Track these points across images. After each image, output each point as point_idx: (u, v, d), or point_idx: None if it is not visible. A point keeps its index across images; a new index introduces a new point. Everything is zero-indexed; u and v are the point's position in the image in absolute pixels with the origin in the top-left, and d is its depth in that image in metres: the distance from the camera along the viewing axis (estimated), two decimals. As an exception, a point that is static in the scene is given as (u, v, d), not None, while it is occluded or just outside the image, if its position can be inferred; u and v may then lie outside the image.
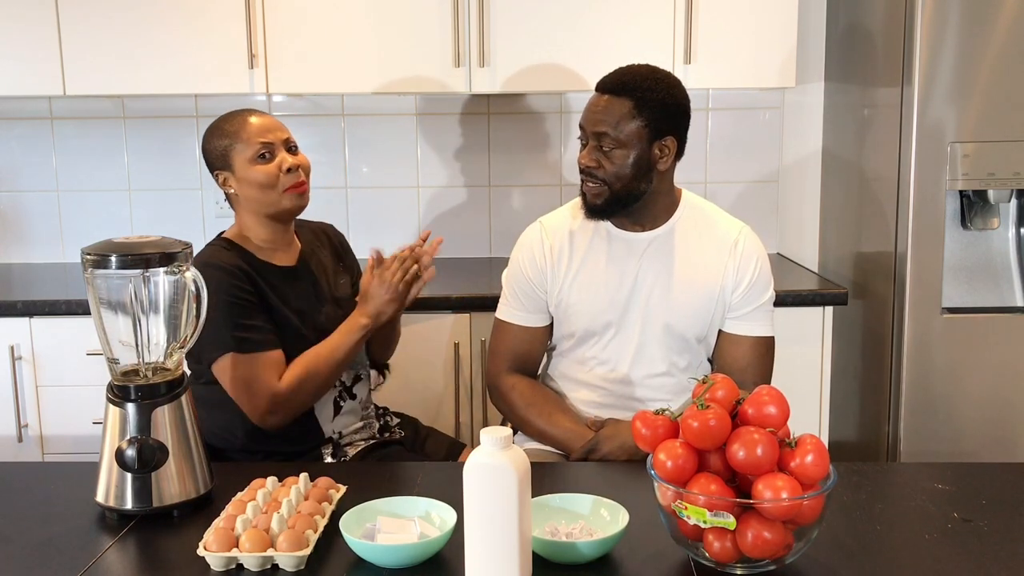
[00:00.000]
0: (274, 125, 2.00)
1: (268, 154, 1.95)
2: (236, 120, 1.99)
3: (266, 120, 2.00)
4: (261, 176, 1.94)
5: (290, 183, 1.95)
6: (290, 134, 2.02)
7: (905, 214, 2.60)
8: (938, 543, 1.44)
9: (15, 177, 3.23)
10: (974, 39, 2.52)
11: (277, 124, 2.01)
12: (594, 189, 1.95)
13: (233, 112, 2.02)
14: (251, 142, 1.95)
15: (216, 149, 1.99)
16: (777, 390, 1.37)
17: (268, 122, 1.99)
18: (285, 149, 1.98)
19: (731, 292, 1.99)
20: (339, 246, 2.23)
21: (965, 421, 2.65)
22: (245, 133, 1.96)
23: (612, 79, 1.94)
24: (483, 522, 1.26)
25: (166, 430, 1.57)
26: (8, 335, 2.68)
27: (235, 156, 1.96)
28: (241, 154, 1.95)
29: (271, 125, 1.99)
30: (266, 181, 1.94)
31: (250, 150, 1.95)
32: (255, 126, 1.97)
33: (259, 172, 1.94)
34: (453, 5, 2.77)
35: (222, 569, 1.38)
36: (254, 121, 1.98)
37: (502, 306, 2.10)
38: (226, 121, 2.00)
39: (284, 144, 1.98)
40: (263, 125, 1.98)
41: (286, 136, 2.00)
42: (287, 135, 2.00)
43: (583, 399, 2.05)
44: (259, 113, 2.02)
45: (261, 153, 1.94)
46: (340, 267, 2.19)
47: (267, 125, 1.98)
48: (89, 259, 1.56)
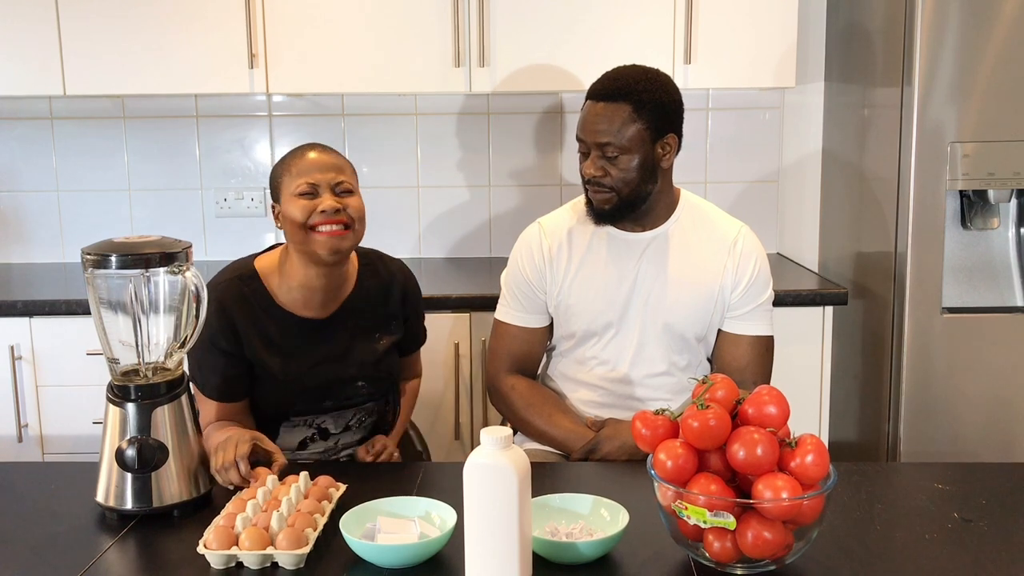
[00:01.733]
0: (327, 164, 1.85)
1: (312, 193, 1.82)
2: (295, 152, 1.89)
3: (322, 158, 1.86)
4: (296, 212, 1.81)
5: (321, 220, 1.80)
6: (346, 177, 1.85)
7: (905, 214, 2.60)
8: (938, 543, 1.44)
9: (15, 177, 3.23)
10: (974, 39, 2.52)
11: (332, 164, 1.86)
12: (602, 197, 1.94)
13: (301, 146, 1.91)
14: (298, 177, 1.83)
15: (273, 179, 1.90)
16: (777, 390, 1.37)
17: (322, 160, 1.85)
18: (333, 192, 1.83)
19: (730, 291, 1.99)
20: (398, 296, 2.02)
21: (965, 421, 2.65)
22: (296, 167, 1.85)
23: (606, 85, 1.93)
24: (483, 522, 1.26)
25: (166, 430, 1.57)
26: (8, 335, 2.68)
27: (283, 189, 1.86)
28: (287, 187, 1.84)
29: (323, 164, 1.85)
30: (300, 218, 1.81)
31: (295, 185, 1.83)
32: (306, 162, 1.85)
33: (296, 207, 1.81)
34: (453, 5, 2.77)
35: (222, 567, 1.38)
36: (309, 156, 1.86)
37: (501, 307, 2.10)
38: (290, 154, 1.89)
39: (332, 186, 1.83)
40: (314, 162, 1.85)
41: (338, 180, 1.84)
42: (340, 178, 1.84)
43: (583, 399, 2.05)
44: (321, 150, 1.88)
45: (304, 191, 1.82)
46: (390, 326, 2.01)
47: (319, 163, 1.85)
48: (89, 259, 1.56)
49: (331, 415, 1.96)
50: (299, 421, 1.94)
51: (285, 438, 1.95)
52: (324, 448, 1.99)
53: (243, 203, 3.23)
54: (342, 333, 1.94)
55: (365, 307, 1.97)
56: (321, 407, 1.94)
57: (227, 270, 1.93)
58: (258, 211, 3.23)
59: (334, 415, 1.96)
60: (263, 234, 3.25)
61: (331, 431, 1.97)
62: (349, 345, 1.95)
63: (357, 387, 1.96)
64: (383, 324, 2.00)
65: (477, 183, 3.24)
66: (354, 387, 1.96)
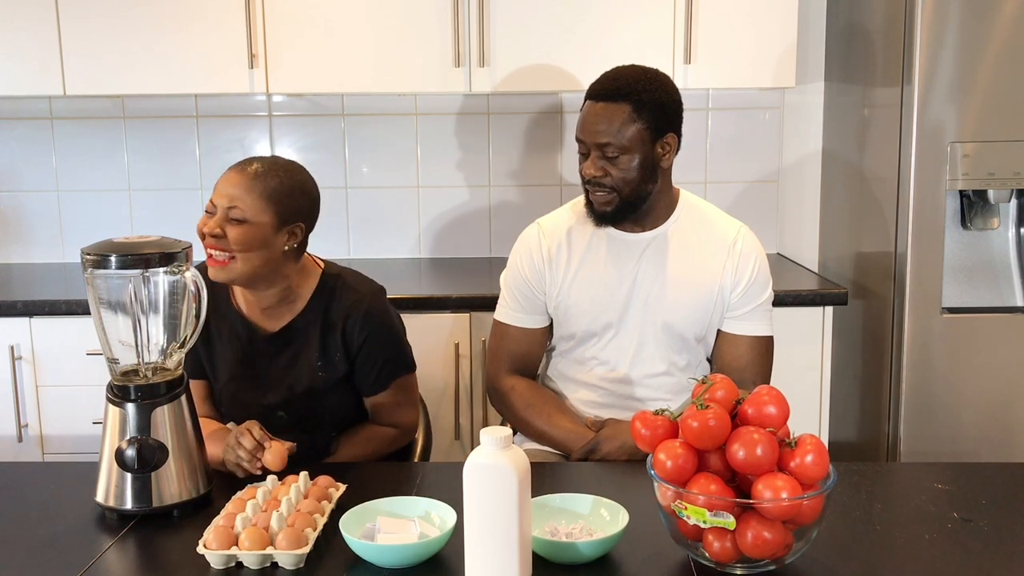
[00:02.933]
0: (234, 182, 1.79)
1: (211, 212, 1.79)
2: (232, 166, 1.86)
3: (234, 176, 1.80)
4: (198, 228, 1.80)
5: (206, 245, 1.78)
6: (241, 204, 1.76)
7: (905, 214, 2.60)
8: (938, 543, 1.44)
9: (15, 177, 3.23)
10: (974, 39, 2.52)
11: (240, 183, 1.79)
12: (603, 197, 1.94)
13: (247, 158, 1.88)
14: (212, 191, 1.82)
15: None
16: (777, 390, 1.37)
17: (233, 178, 1.80)
18: (224, 216, 1.77)
19: (730, 292, 1.99)
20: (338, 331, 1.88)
21: (965, 421, 2.65)
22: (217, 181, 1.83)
23: (605, 85, 1.93)
24: (483, 522, 1.26)
25: (166, 430, 1.57)
26: (8, 335, 2.68)
27: None
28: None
29: (231, 181, 1.79)
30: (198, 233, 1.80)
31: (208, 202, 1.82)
32: (222, 178, 1.82)
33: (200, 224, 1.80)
34: (453, 5, 2.77)
35: (222, 567, 1.38)
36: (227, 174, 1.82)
37: (501, 308, 2.10)
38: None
39: (226, 211, 1.77)
40: (225, 179, 1.81)
41: (231, 205, 1.77)
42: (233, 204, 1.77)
43: (583, 399, 2.05)
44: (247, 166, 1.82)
45: (207, 208, 1.80)
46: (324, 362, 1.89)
47: (228, 180, 1.80)
48: (89, 259, 1.56)
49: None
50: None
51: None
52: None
53: (243, 203, 3.22)
54: (283, 354, 1.89)
55: (310, 332, 1.89)
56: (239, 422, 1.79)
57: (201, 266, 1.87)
58: (258, 211, 3.23)
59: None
60: (263, 234, 3.25)
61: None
62: (279, 367, 1.89)
63: (277, 416, 1.88)
64: (324, 355, 1.89)
65: (477, 183, 3.24)
66: (274, 415, 1.87)
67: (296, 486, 1.54)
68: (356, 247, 3.23)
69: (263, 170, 1.81)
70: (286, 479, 1.59)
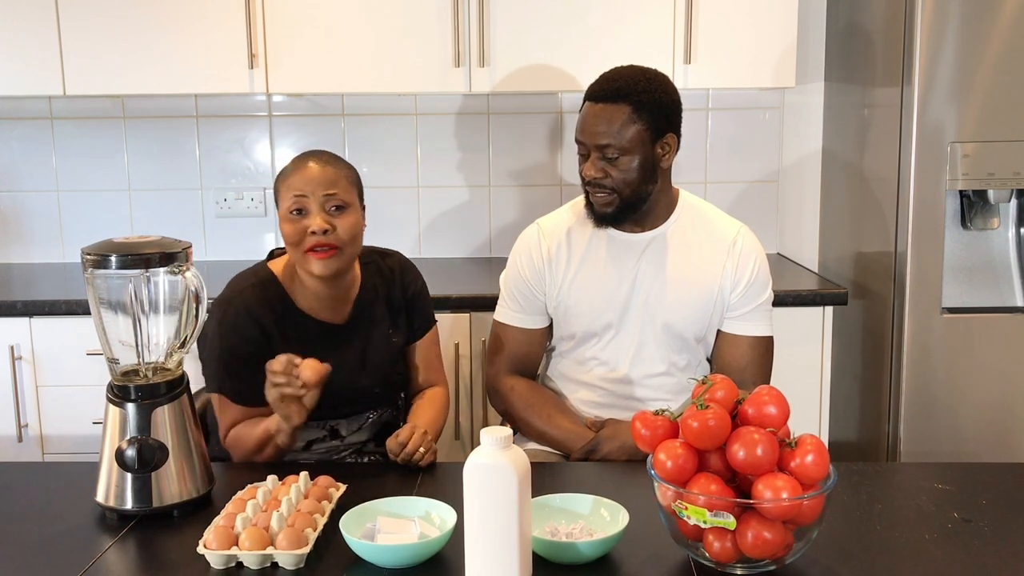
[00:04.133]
0: (319, 179, 1.82)
1: (302, 210, 1.81)
2: (295, 162, 1.87)
3: (314, 171, 1.83)
4: (287, 232, 1.82)
5: (311, 244, 1.80)
6: (340, 191, 1.83)
7: (905, 214, 2.60)
8: (938, 543, 1.44)
9: (15, 177, 3.23)
10: (974, 39, 2.52)
11: (324, 178, 1.82)
12: (603, 199, 1.94)
13: (303, 154, 1.89)
14: (288, 193, 1.82)
15: (275, 189, 1.90)
16: (777, 390, 1.37)
17: (315, 174, 1.82)
18: (323, 208, 1.81)
19: (730, 292, 1.99)
20: (399, 291, 2.02)
21: (965, 421, 2.65)
22: (288, 182, 1.84)
23: (604, 86, 1.92)
24: (483, 522, 1.26)
25: (166, 430, 1.57)
26: (8, 335, 2.68)
27: (279, 201, 1.86)
28: (282, 203, 1.84)
29: (315, 179, 1.82)
30: (291, 239, 1.82)
31: (286, 202, 1.82)
32: (299, 176, 1.82)
33: (287, 228, 1.82)
34: (453, 5, 2.77)
35: (222, 567, 1.38)
36: (300, 170, 1.83)
37: (500, 308, 2.10)
38: (291, 161, 1.89)
39: (323, 202, 1.81)
40: (307, 176, 1.82)
41: (329, 192, 1.81)
42: (331, 191, 1.81)
43: (583, 399, 2.05)
44: (319, 160, 1.85)
45: (294, 208, 1.81)
46: (394, 328, 2.00)
47: (310, 177, 1.82)
48: (89, 259, 1.56)
49: (347, 419, 1.97)
50: (313, 424, 1.92)
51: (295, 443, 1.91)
52: (330, 449, 1.98)
53: (243, 203, 3.23)
54: (357, 338, 1.96)
55: (375, 306, 1.98)
56: (340, 412, 1.94)
57: (244, 276, 1.92)
58: (258, 211, 3.23)
59: (349, 419, 1.97)
60: (263, 234, 3.25)
61: (342, 432, 1.97)
62: (364, 351, 1.96)
63: (374, 394, 1.98)
64: (392, 321, 2.01)
65: (477, 183, 3.24)
66: (372, 394, 1.97)
67: (296, 486, 1.54)
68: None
69: (332, 158, 1.89)
70: (287, 479, 1.59)
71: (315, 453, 1.97)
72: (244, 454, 1.84)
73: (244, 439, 1.83)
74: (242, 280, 1.91)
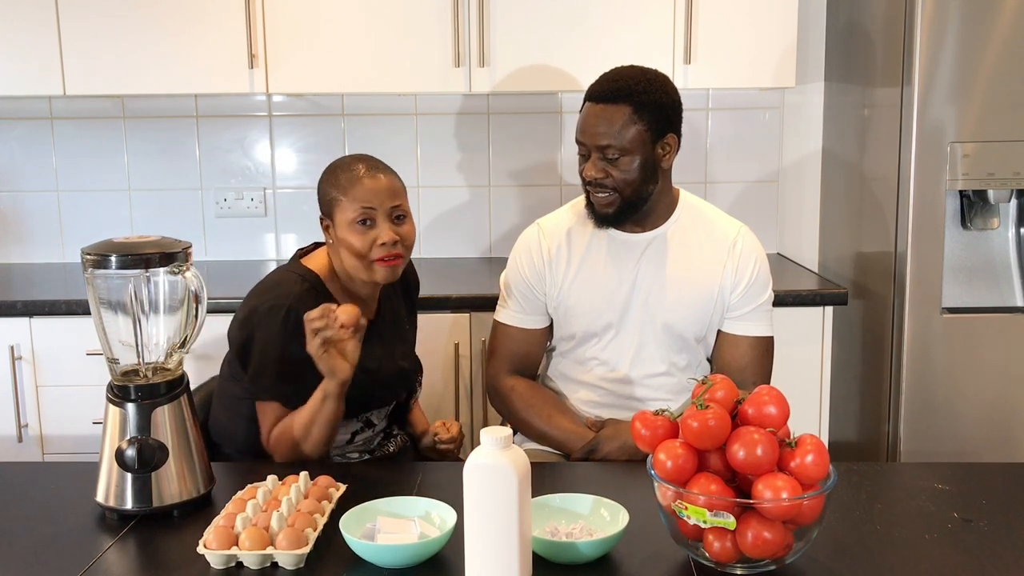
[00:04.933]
0: (385, 189, 1.86)
1: (369, 220, 1.84)
2: (350, 173, 1.87)
3: (379, 182, 1.86)
4: (355, 244, 1.83)
5: (381, 255, 1.84)
6: (402, 200, 1.88)
7: (905, 214, 2.60)
8: (938, 543, 1.44)
9: (15, 177, 3.23)
10: (974, 39, 2.52)
11: (389, 187, 1.87)
12: (604, 199, 1.94)
13: (352, 160, 1.91)
14: (354, 205, 1.84)
15: (325, 196, 1.90)
16: (777, 390, 1.37)
17: (380, 184, 1.85)
18: (390, 218, 1.86)
19: (730, 292, 1.99)
20: (412, 282, 2.16)
21: (965, 421, 2.65)
22: (352, 192, 1.84)
23: (604, 87, 1.92)
24: (483, 522, 1.26)
25: (166, 430, 1.57)
26: (8, 335, 2.68)
27: (338, 213, 1.86)
28: (343, 213, 1.85)
29: (381, 188, 1.85)
30: (359, 250, 1.84)
31: (351, 212, 1.84)
32: (364, 188, 1.84)
33: (354, 239, 1.84)
34: (453, 5, 2.77)
35: (222, 567, 1.38)
36: (366, 182, 1.85)
37: (500, 309, 2.10)
38: (342, 170, 1.89)
39: (390, 212, 1.86)
40: (372, 188, 1.85)
41: (395, 203, 1.86)
42: (397, 202, 1.87)
43: (583, 399, 2.05)
44: (375, 168, 1.88)
45: (362, 219, 1.83)
46: (409, 311, 2.14)
47: (377, 188, 1.85)
48: (89, 259, 1.56)
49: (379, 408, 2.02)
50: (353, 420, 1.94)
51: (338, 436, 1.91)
52: (366, 439, 2.01)
53: (243, 203, 3.23)
54: (387, 330, 2.02)
55: (393, 299, 2.06)
56: (386, 402, 2.02)
57: (289, 280, 1.88)
58: (258, 211, 3.23)
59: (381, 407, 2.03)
60: (263, 234, 3.25)
61: (374, 421, 2.01)
62: (394, 340, 2.04)
63: (411, 379, 2.09)
64: (407, 312, 2.13)
65: (477, 183, 3.24)
66: (409, 379, 2.08)
67: (296, 486, 1.54)
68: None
69: (384, 166, 1.92)
70: (286, 479, 1.59)
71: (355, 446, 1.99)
72: (291, 444, 1.81)
73: (289, 428, 1.81)
74: (290, 284, 1.87)
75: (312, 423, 1.78)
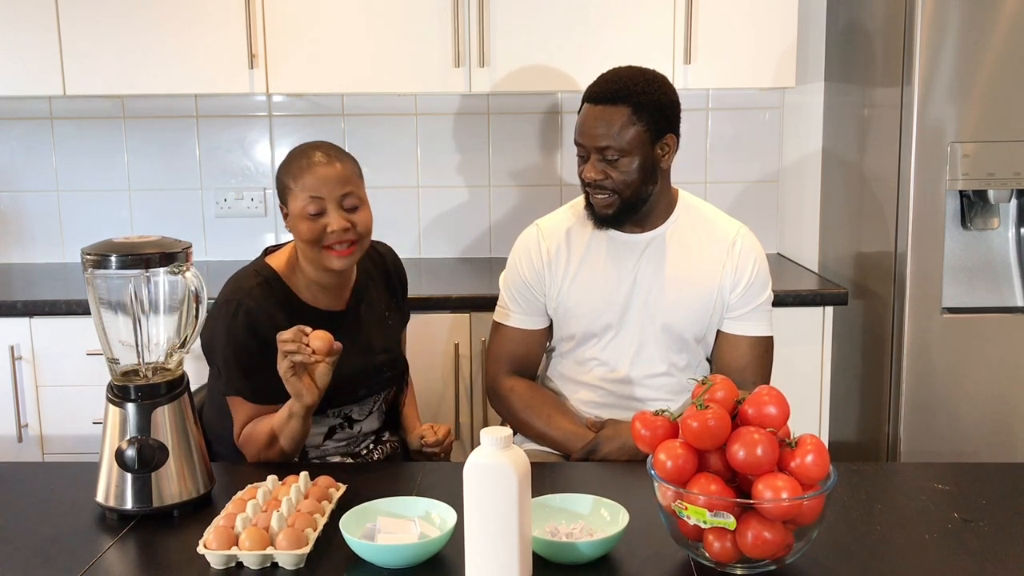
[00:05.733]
0: (334, 177, 1.85)
1: (319, 212, 1.84)
2: (301, 162, 1.87)
3: (329, 170, 1.85)
4: (305, 232, 1.84)
5: (332, 241, 1.84)
6: (353, 187, 1.87)
7: (905, 214, 2.60)
8: (938, 543, 1.44)
9: (15, 177, 3.23)
10: (974, 39, 2.52)
11: (339, 175, 1.85)
12: (604, 200, 1.94)
13: (307, 147, 1.90)
14: (304, 193, 1.84)
15: (280, 184, 1.91)
16: (777, 390, 1.37)
17: (330, 173, 1.85)
18: (340, 206, 1.85)
19: (729, 292, 1.99)
20: (394, 274, 2.13)
21: (965, 421, 2.65)
22: (303, 181, 1.85)
23: (603, 88, 1.92)
24: (483, 522, 1.26)
25: (166, 430, 1.57)
26: (8, 335, 2.68)
27: (291, 201, 1.87)
28: (295, 201, 1.86)
29: (331, 177, 1.85)
30: (310, 238, 1.84)
31: (301, 201, 1.84)
32: (314, 177, 1.84)
33: (304, 228, 1.84)
34: (453, 5, 2.77)
35: (222, 567, 1.38)
36: (317, 170, 1.85)
37: (500, 309, 2.10)
38: (296, 158, 1.89)
39: (339, 200, 1.85)
40: (322, 176, 1.84)
41: (344, 192, 1.85)
42: (348, 190, 1.86)
43: (583, 400, 2.05)
44: (328, 156, 1.87)
45: (312, 207, 1.84)
46: (392, 304, 2.10)
47: (327, 177, 1.84)
48: (89, 259, 1.56)
49: (359, 403, 1.99)
50: (328, 412, 1.94)
51: (314, 429, 1.91)
52: (348, 438, 1.99)
53: (243, 203, 3.23)
54: (360, 322, 2.00)
55: (372, 290, 2.04)
56: (356, 397, 1.97)
57: (246, 275, 1.91)
58: (258, 211, 3.23)
59: (361, 403, 2.00)
60: (263, 234, 3.25)
61: (355, 418, 1.99)
62: (368, 332, 2.00)
63: (384, 374, 2.02)
64: (389, 303, 2.09)
65: (477, 183, 3.24)
66: (382, 374, 2.02)
67: (296, 486, 1.54)
68: (356, 247, 3.23)
69: (338, 152, 1.91)
70: (287, 479, 1.59)
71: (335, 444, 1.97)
72: (257, 450, 1.83)
73: (257, 434, 1.83)
74: (245, 279, 1.90)
75: (278, 435, 1.79)
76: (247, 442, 1.85)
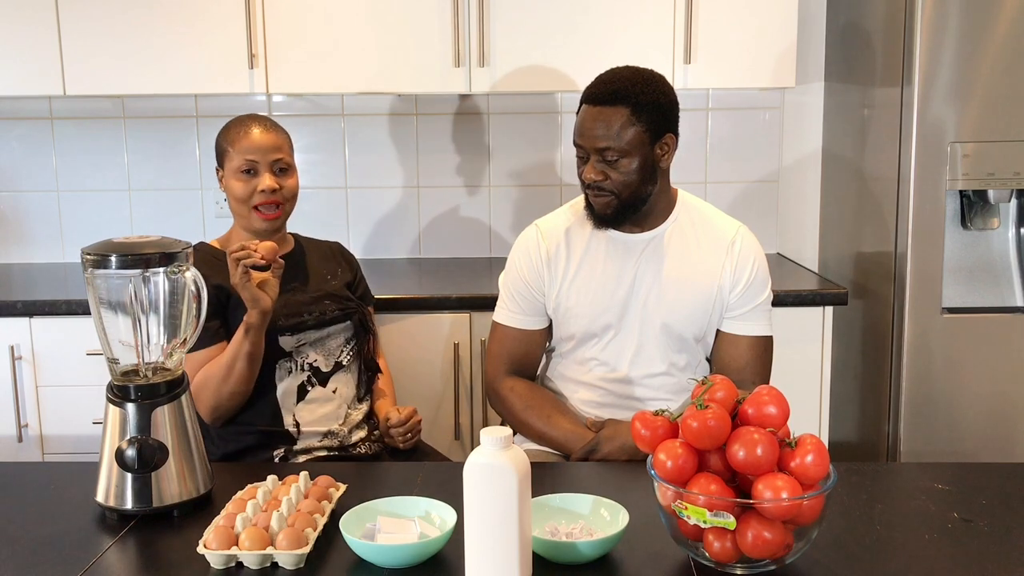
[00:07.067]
0: (267, 144, 2.06)
1: (252, 170, 2.05)
2: (238, 128, 2.08)
3: (263, 137, 2.06)
4: (237, 190, 2.05)
5: (260, 201, 2.04)
6: (284, 155, 2.08)
7: (905, 214, 2.60)
8: (938, 543, 1.44)
9: (15, 177, 3.23)
10: (974, 39, 2.52)
11: (272, 143, 2.07)
12: (603, 201, 1.94)
13: (243, 118, 2.11)
14: (240, 156, 2.05)
15: (218, 148, 2.12)
16: (777, 390, 1.37)
17: (263, 139, 2.06)
18: (271, 170, 2.05)
19: (729, 292, 1.99)
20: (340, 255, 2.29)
21: (965, 421, 2.65)
22: (238, 144, 2.05)
23: (601, 89, 1.91)
24: (483, 522, 1.26)
25: (166, 430, 1.57)
26: (8, 335, 2.68)
27: (227, 162, 2.07)
28: (231, 162, 2.06)
29: (264, 143, 2.05)
30: (240, 196, 2.05)
31: (237, 161, 2.05)
32: (248, 141, 2.05)
33: (237, 186, 2.05)
34: (453, 5, 2.77)
35: (222, 567, 1.38)
36: (251, 135, 2.06)
37: (499, 309, 2.10)
38: (233, 125, 2.10)
39: (272, 165, 2.05)
40: (256, 142, 2.05)
41: (276, 157, 2.06)
42: (278, 156, 2.07)
43: (583, 400, 2.05)
44: (262, 125, 2.08)
45: (245, 168, 2.04)
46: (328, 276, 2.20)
47: (260, 143, 2.05)
48: (89, 259, 1.56)
49: (315, 348, 2.06)
50: (289, 364, 2.03)
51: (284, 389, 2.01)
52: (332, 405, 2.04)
53: (243, 203, 3.23)
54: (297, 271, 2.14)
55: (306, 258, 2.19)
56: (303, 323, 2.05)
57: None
58: (258, 211, 3.23)
59: (317, 347, 2.06)
60: (263, 234, 3.25)
61: (322, 369, 2.05)
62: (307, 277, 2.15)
63: (325, 305, 2.11)
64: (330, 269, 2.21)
65: (477, 183, 3.24)
66: (322, 304, 2.10)
67: (296, 486, 1.54)
68: (356, 247, 3.23)
69: (273, 124, 2.12)
70: (287, 479, 1.59)
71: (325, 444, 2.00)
72: (214, 388, 1.93)
73: (211, 372, 1.94)
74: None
75: (235, 358, 1.91)
76: (201, 388, 1.93)
